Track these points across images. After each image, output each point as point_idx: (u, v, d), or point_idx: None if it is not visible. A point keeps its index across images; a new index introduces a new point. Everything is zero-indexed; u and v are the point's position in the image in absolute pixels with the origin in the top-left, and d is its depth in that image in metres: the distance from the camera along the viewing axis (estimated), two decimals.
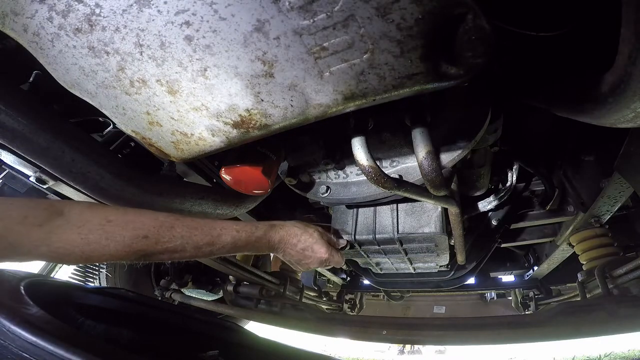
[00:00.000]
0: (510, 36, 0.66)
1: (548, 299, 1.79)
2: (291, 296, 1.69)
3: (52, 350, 0.47)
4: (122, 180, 0.82)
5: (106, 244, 0.57)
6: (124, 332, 0.83)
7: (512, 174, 1.12)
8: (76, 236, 0.55)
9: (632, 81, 0.40)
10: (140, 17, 0.48)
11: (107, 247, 0.57)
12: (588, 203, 1.17)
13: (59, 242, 0.54)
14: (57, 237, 0.54)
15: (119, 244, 0.58)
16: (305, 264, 0.85)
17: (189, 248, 0.66)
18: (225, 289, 1.60)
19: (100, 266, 1.77)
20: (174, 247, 0.63)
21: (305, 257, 0.84)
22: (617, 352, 4.15)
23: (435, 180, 0.68)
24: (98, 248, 0.56)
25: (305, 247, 0.83)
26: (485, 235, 1.39)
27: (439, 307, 3.02)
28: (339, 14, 0.43)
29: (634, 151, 0.81)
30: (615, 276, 1.10)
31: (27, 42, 0.56)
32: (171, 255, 0.64)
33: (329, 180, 0.99)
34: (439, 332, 1.18)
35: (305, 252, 0.83)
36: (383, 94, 0.51)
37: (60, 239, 0.54)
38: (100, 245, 0.56)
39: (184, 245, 0.65)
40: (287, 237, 0.82)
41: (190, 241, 0.65)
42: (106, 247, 0.57)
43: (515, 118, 1.03)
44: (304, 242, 0.83)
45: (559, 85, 0.63)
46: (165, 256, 0.64)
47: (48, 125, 0.72)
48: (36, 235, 0.52)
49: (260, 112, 0.57)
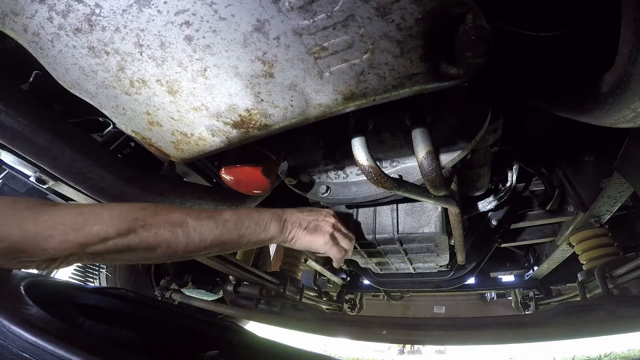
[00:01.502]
0: (510, 36, 0.66)
1: (548, 299, 1.79)
2: (291, 296, 1.69)
3: (52, 350, 0.47)
4: (122, 180, 0.82)
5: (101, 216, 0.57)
6: (124, 332, 0.83)
7: (512, 174, 1.12)
8: (69, 209, 0.55)
9: (632, 81, 0.40)
10: (140, 17, 0.48)
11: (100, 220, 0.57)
12: (588, 203, 1.17)
13: (49, 218, 0.53)
14: (47, 214, 0.54)
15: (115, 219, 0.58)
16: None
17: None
18: (225, 289, 1.60)
19: (100, 266, 1.77)
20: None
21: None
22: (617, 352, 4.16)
23: (435, 180, 0.68)
24: (86, 226, 0.55)
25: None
26: (485, 235, 1.39)
27: (439, 307, 3.02)
28: (339, 14, 0.43)
29: (634, 151, 0.81)
30: (615, 276, 1.10)
31: (27, 42, 0.56)
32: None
33: (329, 180, 0.99)
34: (439, 332, 1.18)
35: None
36: (383, 94, 0.51)
37: (52, 215, 0.54)
38: (89, 224, 0.56)
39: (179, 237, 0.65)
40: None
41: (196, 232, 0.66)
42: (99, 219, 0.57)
43: (515, 118, 1.03)
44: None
45: (559, 85, 0.63)
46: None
47: (48, 125, 0.72)
48: (24, 213, 0.52)
49: (260, 112, 0.57)
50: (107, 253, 0.58)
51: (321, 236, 0.84)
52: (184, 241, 0.65)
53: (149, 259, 0.65)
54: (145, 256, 0.63)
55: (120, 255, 0.61)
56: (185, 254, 0.67)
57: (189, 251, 0.66)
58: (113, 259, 0.61)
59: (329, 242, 0.84)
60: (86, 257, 0.58)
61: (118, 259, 0.62)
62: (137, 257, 0.63)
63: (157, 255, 0.64)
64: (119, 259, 0.62)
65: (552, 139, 1.23)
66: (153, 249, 0.62)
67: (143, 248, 0.61)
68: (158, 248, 0.62)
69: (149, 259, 0.64)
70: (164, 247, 0.63)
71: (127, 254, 0.61)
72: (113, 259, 0.61)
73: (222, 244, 0.70)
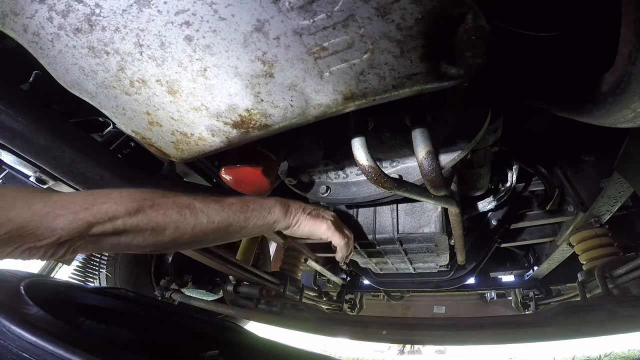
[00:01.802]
0: (510, 36, 0.66)
1: (548, 299, 1.79)
2: (291, 296, 1.69)
3: (52, 350, 0.47)
4: (122, 180, 0.82)
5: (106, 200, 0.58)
6: (124, 332, 0.83)
7: (512, 174, 1.12)
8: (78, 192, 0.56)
9: (632, 81, 0.40)
10: (140, 17, 0.48)
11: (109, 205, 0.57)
12: (588, 203, 1.17)
13: (59, 199, 0.54)
14: (57, 196, 0.54)
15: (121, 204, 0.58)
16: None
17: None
18: (225, 289, 1.60)
19: (100, 266, 1.77)
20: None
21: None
22: (617, 352, 4.16)
23: (435, 180, 0.68)
24: (96, 205, 0.56)
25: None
26: (485, 235, 1.39)
27: (439, 307, 3.03)
28: (339, 14, 0.43)
29: (634, 151, 0.81)
30: (615, 276, 1.10)
31: (27, 42, 0.56)
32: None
33: (329, 180, 0.99)
34: (439, 332, 1.18)
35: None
36: (383, 94, 0.51)
37: (61, 196, 0.55)
38: (98, 202, 0.56)
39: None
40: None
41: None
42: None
43: (515, 118, 1.03)
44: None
45: (559, 85, 0.63)
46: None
47: (48, 125, 0.72)
48: (34, 195, 0.53)
49: (260, 112, 0.57)
50: (114, 235, 0.58)
51: (324, 222, 0.85)
52: (191, 222, 0.65)
53: (156, 244, 0.64)
54: (153, 240, 0.62)
55: (127, 238, 0.60)
56: (193, 238, 0.67)
57: (196, 234, 0.66)
58: (120, 244, 0.60)
59: (332, 227, 0.85)
60: (93, 240, 0.57)
61: (125, 244, 0.61)
62: (144, 241, 0.62)
63: (165, 238, 0.63)
64: (126, 244, 0.61)
65: (552, 139, 1.23)
66: (161, 230, 0.62)
67: (151, 229, 0.61)
68: (166, 229, 0.62)
69: (156, 243, 0.64)
70: (172, 229, 0.63)
71: (134, 236, 0.60)
72: (120, 242, 0.60)
73: (229, 226, 0.70)
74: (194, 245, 0.71)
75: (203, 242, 0.73)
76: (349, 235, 0.89)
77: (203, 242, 0.73)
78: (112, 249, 0.61)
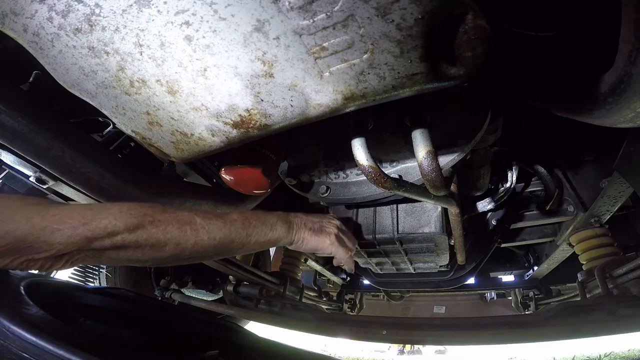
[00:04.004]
0: (510, 36, 0.66)
1: (548, 299, 1.79)
2: (291, 296, 1.69)
3: (52, 350, 0.47)
4: (122, 180, 0.82)
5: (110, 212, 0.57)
6: (124, 332, 0.83)
7: (511, 174, 1.12)
8: (77, 205, 0.55)
9: (632, 81, 0.40)
10: (140, 17, 0.48)
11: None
12: (588, 203, 1.17)
13: (57, 212, 0.53)
14: (55, 209, 0.54)
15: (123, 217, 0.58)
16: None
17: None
18: (225, 289, 1.60)
19: (100, 266, 1.77)
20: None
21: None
22: (617, 352, 4.16)
23: (435, 180, 0.68)
24: (95, 220, 0.55)
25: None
26: (485, 235, 1.39)
27: (439, 307, 3.02)
28: (338, 14, 0.43)
29: (634, 151, 0.81)
30: (615, 276, 1.10)
31: (27, 42, 0.56)
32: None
33: (329, 180, 0.99)
34: (439, 332, 1.18)
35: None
36: (383, 94, 0.51)
37: (60, 210, 0.54)
38: (97, 217, 0.56)
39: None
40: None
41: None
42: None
43: (515, 118, 1.03)
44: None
45: (559, 86, 0.63)
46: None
47: (48, 125, 0.72)
48: (32, 208, 0.52)
49: (260, 112, 0.57)
50: (113, 249, 0.57)
51: (327, 237, 0.85)
52: (192, 239, 0.64)
53: (156, 259, 0.63)
54: (153, 255, 0.62)
55: (127, 253, 0.59)
56: (193, 254, 0.66)
57: (197, 250, 0.65)
58: (119, 258, 0.60)
59: (335, 242, 0.85)
60: (92, 254, 0.56)
61: (124, 258, 0.60)
62: (143, 256, 0.61)
63: (165, 254, 0.62)
64: (125, 258, 0.60)
65: (552, 139, 1.23)
66: (161, 247, 0.61)
67: (151, 245, 0.60)
68: (166, 246, 0.61)
69: (156, 258, 0.63)
70: (172, 245, 0.62)
71: (134, 251, 0.60)
72: (119, 257, 0.59)
73: (230, 242, 0.70)
74: (194, 260, 0.70)
75: (204, 258, 0.72)
76: (352, 247, 0.90)
77: (204, 258, 0.72)
78: (112, 262, 0.61)
